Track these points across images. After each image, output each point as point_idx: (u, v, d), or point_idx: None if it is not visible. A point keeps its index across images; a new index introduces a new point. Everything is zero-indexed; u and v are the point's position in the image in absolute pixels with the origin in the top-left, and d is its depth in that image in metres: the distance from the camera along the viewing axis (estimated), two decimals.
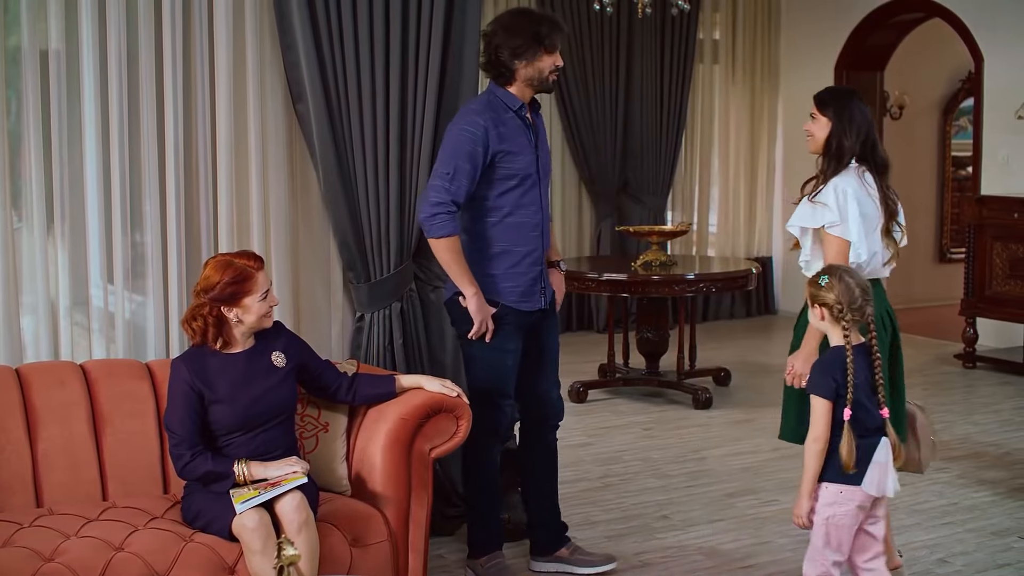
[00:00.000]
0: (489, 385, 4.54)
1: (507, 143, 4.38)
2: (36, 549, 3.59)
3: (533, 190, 4.47)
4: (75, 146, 4.65)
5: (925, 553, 5.00)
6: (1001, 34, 9.19)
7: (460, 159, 4.31)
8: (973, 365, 8.88)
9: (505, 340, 4.50)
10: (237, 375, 3.93)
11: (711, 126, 11.22)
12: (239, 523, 3.68)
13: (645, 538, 5.16)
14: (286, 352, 4.05)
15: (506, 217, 4.44)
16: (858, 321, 3.76)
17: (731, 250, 11.27)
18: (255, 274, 3.91)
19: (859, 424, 3.70)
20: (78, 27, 4.60)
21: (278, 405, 3.97)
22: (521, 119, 4.45)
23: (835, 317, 3.76)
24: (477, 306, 4.40)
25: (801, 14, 11.10)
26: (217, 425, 3.90)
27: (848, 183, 4.21)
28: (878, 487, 3.73)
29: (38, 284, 4.60)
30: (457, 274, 4.39)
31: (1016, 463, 6.35)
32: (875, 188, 4.26)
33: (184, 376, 3.89)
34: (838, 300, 3.74)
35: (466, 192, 4.33)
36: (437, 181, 4.33)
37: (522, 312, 4.52)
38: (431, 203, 4.32)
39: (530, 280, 4.52)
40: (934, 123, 11.93)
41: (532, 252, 4.51)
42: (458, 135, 4.35)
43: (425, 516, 4.18)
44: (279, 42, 4.78)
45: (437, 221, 4.31)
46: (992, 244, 8.56)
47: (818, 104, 4.37)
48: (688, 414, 7.49)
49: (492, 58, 4.41)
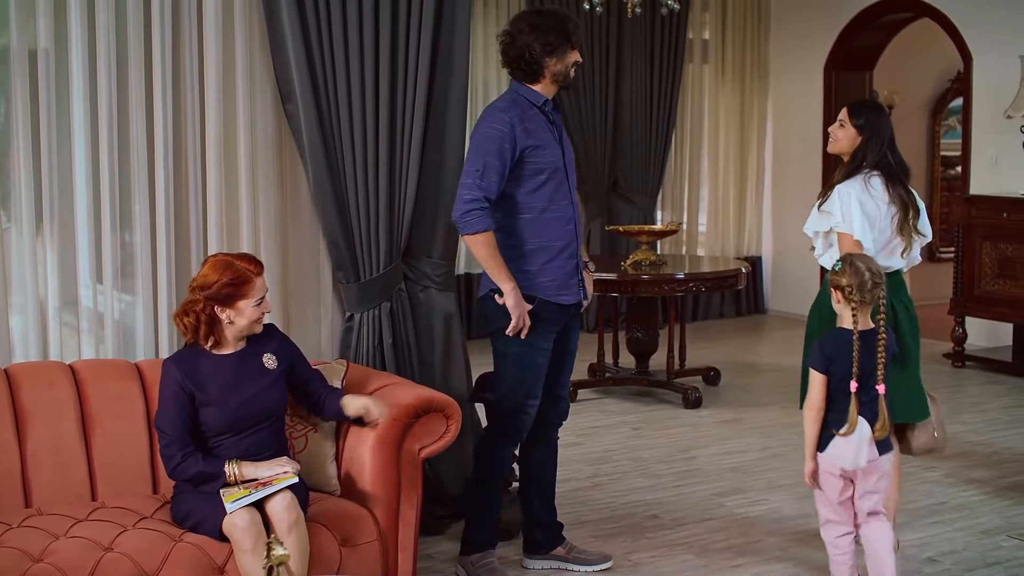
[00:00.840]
0: (519, 384, 4.55)
1: (534, 138, 4.42)
2: (25, 549, 3.58)
3: (563, 184, 4.51)
4: (64, 146, 4.64)
5: (915, 552, 5.01)
6: (990, 34, 9.21)
7: (489, 156, 4.34)
8: (962, 364, 8.90)
9: (539, 338, 4.51)
10: (228, 377, 3.93)
11: (701, 126, 11.23)
12: (229, 522, 3.68)
13: (635, 538, 5.17)
14: (277, 354, 4.05)
15: (542, 213, 4.47)
16: (868, 303, 4.20)
17: (721, 250, 11.28)
18: (253, 279, 3.92)
19: (846, 399, 4.19)
20: (67, 26, 4.59)
21: (268, 407, 3.97)
22: (545, 115, 4.49)
23: (847, 298, 4.20)
24: (515, 300, 4.41)
25: (790, 14, 11.12)
26: (207, 426, 3.90)
27: (852, 188, 4.63)
28: (852, 460, 4.20)
29: (27, 284, 4.59)
30: (494, 269, 4.40)
31: (1005, 462, 6.37)
32: (880, 190, 4.65)
33: (175, 377, 3.89)
34: (849, 283, 4.19)
35: (497, 188, 4.36)
36: (468, 179, 4.36)
37: (560, 306, 4.53)
38: (464, 200, 4.34)
39: (567, 273, 4.54)
40: (923, 123, 11.96)
41: (568, 246, 4.53)
42: (485, 133, 4.39)
43: (415, 516, 4.18)
44: (268, 41, 4.77)
45: (471, 217, 4.33)
46: (981, 243, 8.58)
47: (851, 113, 4.74)
48: (678, 414, 7.50)
49: (521, 56, 4.44)
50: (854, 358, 4.17)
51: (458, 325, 5.24)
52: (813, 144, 10.82)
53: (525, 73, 4.47)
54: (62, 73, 4.63)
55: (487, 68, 10.01)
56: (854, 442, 4.18)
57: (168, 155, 4.66)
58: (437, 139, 5.03)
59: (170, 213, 4.69)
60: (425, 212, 5.07)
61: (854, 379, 4.17)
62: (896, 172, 4.69)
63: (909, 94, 11.70)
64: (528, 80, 4.48)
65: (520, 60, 4.45)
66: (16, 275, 4.61)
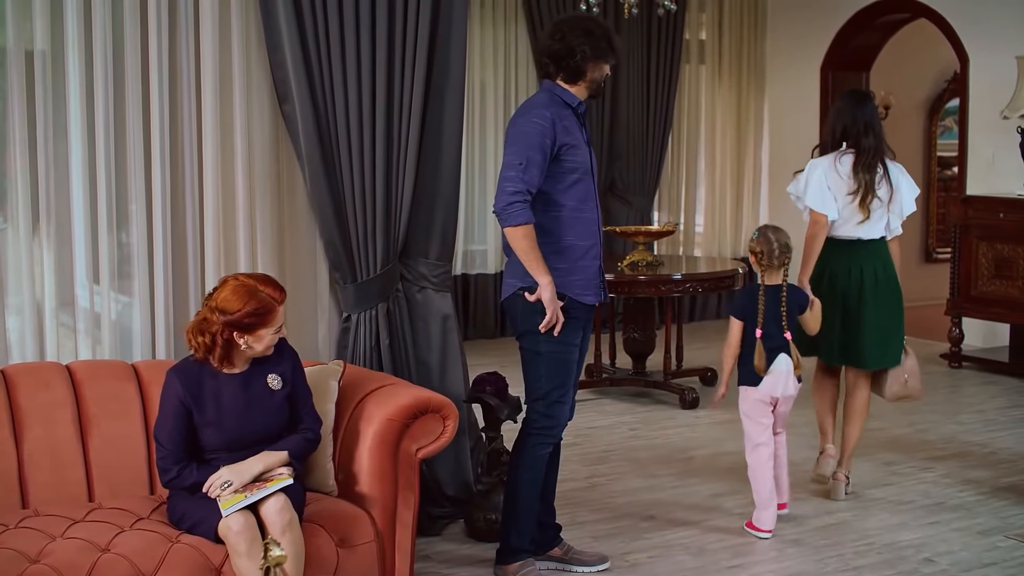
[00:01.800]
0: (553, 382, 4.54)
1: (570, 136, 4.44)
2: (22, 550, 3.58)
3: (591, 186, 4.54)
4: (60, 146, 4.64)
5: (911, 552, 5.01)
6: (986, 34, 9.22)
7: (532, 150, 4.35)
8: (959, 365, 8.90)
9: (571, 335, 4.52)
10: (229, 398, 3.90)
11: (697, 126, 11.23)
12: (224, 526, 3.67)
13: (632, 538, 5.17)
14: (283, 376, 4.01)
15: (574, 211, 4.48)
16: (776, 267, 5.14)
17: (717, 250, 11.28)
18: (277, 308, 3.89)
19: (768, 341, 5.11)
20: (63, 26, 4.58)
21: (267, 430, 3.95)
22: (578, 117, 4.52)
23: (758, 262, 5.17)
24: (551, 295, 4.41)
25: (787, 15, 11.12)
26: (205, 443, 3.90)
27: (820, 163, 5.52)
28: (781, 390, 5.17)
29: (24, 285, 4.59)
30: (533, 262, 4.40)
31: (1001, 462, 6.37)
32: (847, 168, 5.43)
33: (176, 391, 3.87)
34: (761, 249, 5.15)
35: (538, 182, 4.38)
36: (511, 172, 4.36)
37: (584, 306, 4.55)
38: (507, 192, 4.35)
39: (592, 273, 4.56)
40: (920, 123, 11.97)
41: (594, 246, 4.56)
42: (527, 128, 4.39)
43: (412, 517, 4.18)
44: (265, 42, 4.77)
45: (514, 210, 4.34)
46: (978, 244, 8.58)
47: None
48: (675, 414, 7.49)
49: (570, 55, 4.45)
50: (759, 310, 5.11)
51: (455, 326, 5.23)
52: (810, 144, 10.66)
53: (567, 73, 4.49)
54: (58, 74, 4.62)
55: (483, 69, 10.01)
56: (782, 374, 5.15)
57: (164, 155, 4.66)
58: (434, 140, 5.04)
59: (167, 213, 4.68)
60: (422, 213, 5.07)
61: (759, 327, 5.11)
62: (865, 155, 5.41)
63: (906, 95, 11.70)
64: (567, 81, 4.51)
65: (566, 60, 4.46)
66: (12, 276, 4.61)
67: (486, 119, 10.12)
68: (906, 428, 7.10)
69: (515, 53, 10.16)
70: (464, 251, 10.03)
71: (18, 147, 4.51)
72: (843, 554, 4.98)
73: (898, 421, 7.22)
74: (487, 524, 5.05)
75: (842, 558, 4.94)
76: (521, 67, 10.19)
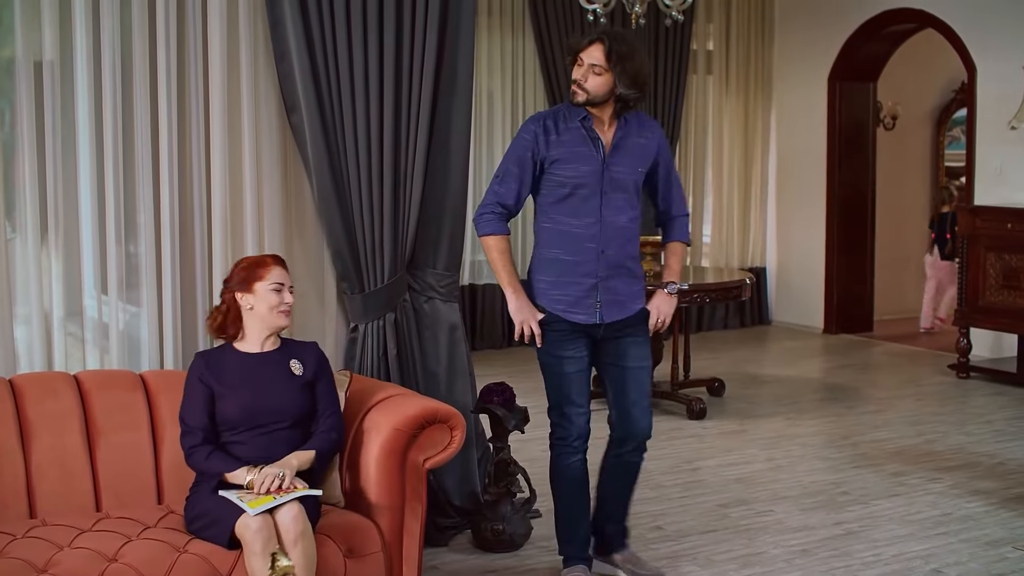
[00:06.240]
0: (555, 392, 4.56)
1: (562, 150, 4.40)
2: (29, 560, 3.58)
3: (591, 201, 4.42)
4: (69, 157, 4.65)
5: (919, 563, 5.00)
6: (994, 45, 9.22)
7: (510, 163, 4.45)
8: (967, 375, 8.89)
9: (559, 347, 4.48)
10: (248, 372, 4.01)
11: (705, 137, 11.24)
12: (243, 523, 3.66)
13: (639, 548, 5.15)
14: (306, 364, 4.10)
15: (562, 225, 4.46)
16: None
17: (725, 260, 11.27)
18: (270, 263, 4.07)
19: None
20: (72, 37, 4.59)
21: (283, 407, 3.98)
22: (586, 130, 4.43)
23: None
24: (516, 306, 4.45)
25: (794, 25, 11.13)
26: (222, 419, 3.95)
27: None
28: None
29: (32, 295, 4.59)
30: (500, 271, 4.48)
31: (1010, 473, 6.35)
32: None
33: (199, 371, 4.02)
34: None
35: (515, 194, 4.44)
36: (491, 184, 4.50)
37: (569, 322, 4.49)
38: (482, 203, 4.49)
39: (582, 292, 4.46)
40: (927, 134, 11.97)
41: (583, 264, 4.44)
42: (515, 140, 4.51)
43: (419, 527, 4.17)
44: (272, 52, 4.78)
45: (482, 220, 4.49)
46: (985, 254, 8.57)
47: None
48: (682, 424, 7.49)
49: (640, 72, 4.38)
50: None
51: (463, 336, 5.24)
52: (817, 155, 10.83)
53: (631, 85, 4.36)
54: (67, 84, 4.63)
55: (491, 79, 10.03)
56: None
57: (172, 165, 4.66)
58: (442, 149, 5.04)
59: (175, 224, 4.69)
60: (429, 223, 5.07)
61: None
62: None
63: (913, 105, 11.71)
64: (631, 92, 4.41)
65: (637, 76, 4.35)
66: (21, 286, 4.61)
67: (494, 129, 10.13)
68: (914, 439, 7.08)
69: (522, 63, 10.17)
70: (472, 261, 10.03)
71: (27, 157, 4.52)
72: (851, 565, 4.97)
73: (906, 432, 7.21)
74: (494, 535, 5.05)
75: (850, 569, 4.93)
76: (528, 77, 10.20)
